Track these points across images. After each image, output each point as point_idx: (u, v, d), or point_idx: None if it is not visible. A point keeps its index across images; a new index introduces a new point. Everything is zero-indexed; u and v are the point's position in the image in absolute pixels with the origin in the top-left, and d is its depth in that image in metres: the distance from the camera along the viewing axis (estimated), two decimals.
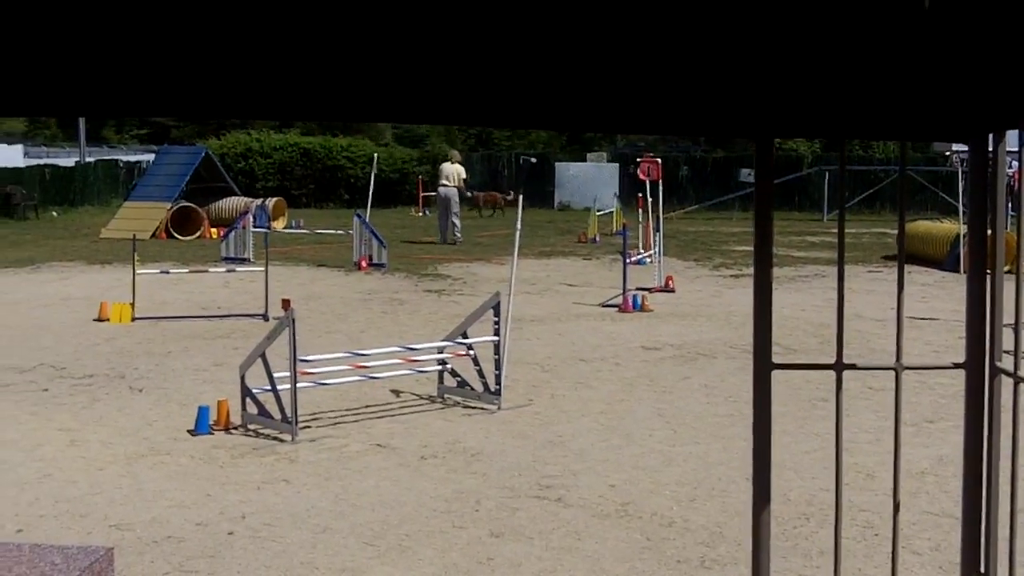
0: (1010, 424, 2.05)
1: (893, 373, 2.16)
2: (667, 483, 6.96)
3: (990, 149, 2.11)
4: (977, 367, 2.05)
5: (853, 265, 19.50)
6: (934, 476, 6.99)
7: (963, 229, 18.53)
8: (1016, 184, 18.76)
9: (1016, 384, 1.99)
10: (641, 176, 19.60)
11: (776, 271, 18.44)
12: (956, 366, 2.09)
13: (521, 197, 10.52)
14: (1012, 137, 2.27)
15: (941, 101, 1.99)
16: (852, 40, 1.92)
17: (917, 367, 2.07)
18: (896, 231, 21.27)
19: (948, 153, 35.05)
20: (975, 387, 2.06)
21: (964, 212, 18.63)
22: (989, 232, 2.12)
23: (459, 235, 24.20)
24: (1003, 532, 2.10)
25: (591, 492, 6.77)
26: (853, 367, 2.19)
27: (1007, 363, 2.05)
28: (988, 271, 2.08)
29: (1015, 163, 20.03)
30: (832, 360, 2.19)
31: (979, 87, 1.97)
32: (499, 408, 8.82)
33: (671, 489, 6.84)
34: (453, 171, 24.74)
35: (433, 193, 36.22)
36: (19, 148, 40.30)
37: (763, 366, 2.18)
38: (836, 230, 2.15)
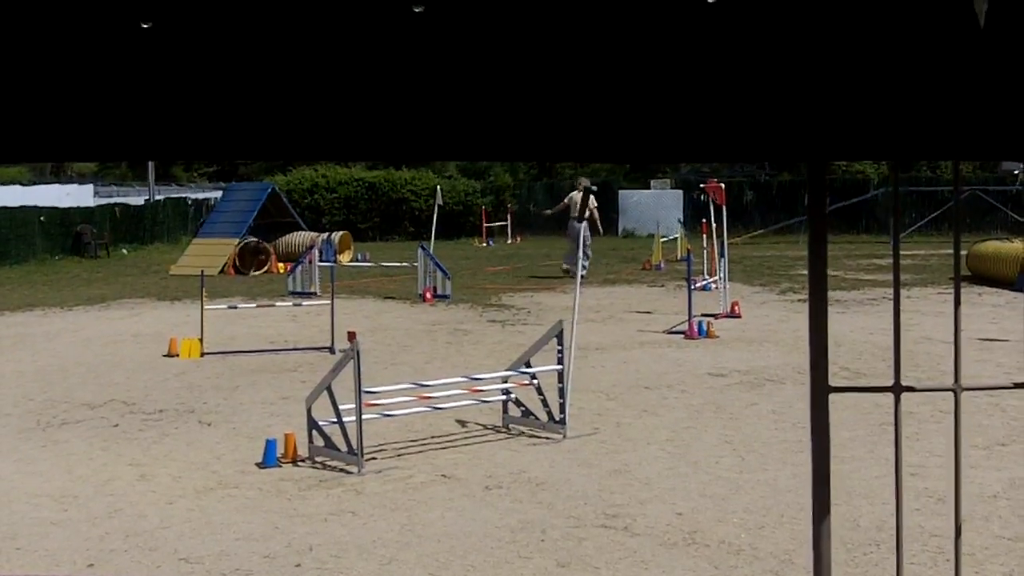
0: None
1: (967, 396, 2.13)
2: (735, 511, 6.89)
3: None
4: None
5: (922, 287, 19.24)
6: (1006, 500, 6.86)
7: None
8: None
9: None
10: (710, 194, 19.49)
11: (844, 294, 18.33)
12: (1017, 386, 2.06)
13: (582, 226, 10.50)
14: None
15: (995, 119, 1.97)
16: (904, 61, 1.91)
17: (975, 387, 2.04)
18: (965, 252, 20.97)
19: (1016, 172, 34.53)
20: None
21: None
22: None
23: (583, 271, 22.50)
24: None
25: (658, 521, 6.72)
26: (911, 389, 2.17)
27: None
28: None
29: None
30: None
31: None
32: (564, 437, 8.80)
33: (739, 517, 6.77)
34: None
35: (501, 223, 36.51)
36: (89, 188, 41.06)
37: (820, 389, 2.16)
38: (905, 253, 2.13)
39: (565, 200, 23.82)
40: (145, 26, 1.80)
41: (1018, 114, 1.97)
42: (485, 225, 35.95)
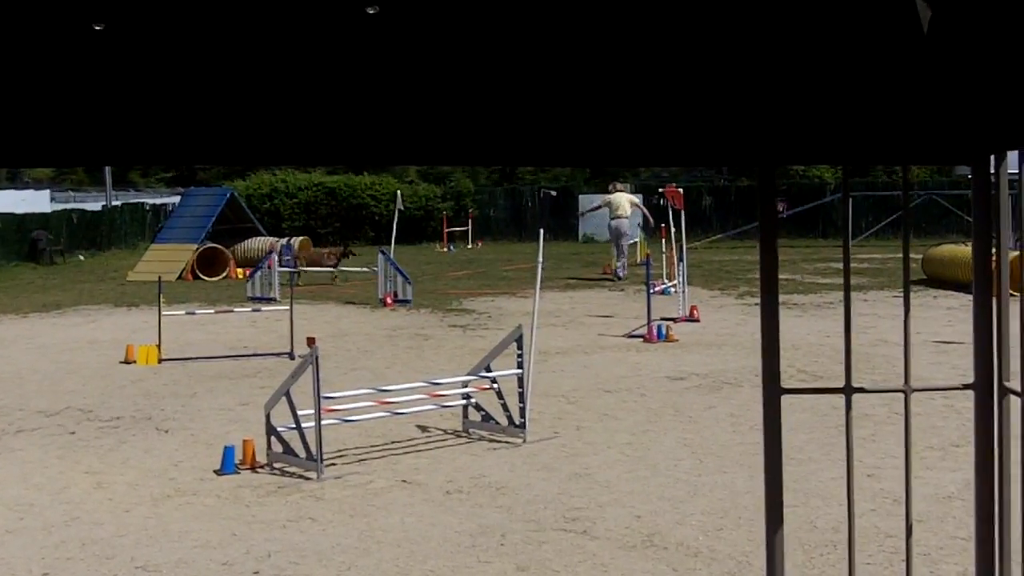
0: None
1: (923, 398, 2.16)
2: (693, 513, 6.93)
3: (992, 171, 2.12)
4: (985, 387, 2.05)
5: (878, 291, 19.42)
6: (961, 500, 6.94)
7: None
8: None
9: None
10: (669, 199, 19.68)
11: (801, 298, 18.47)
12: (965, 387, 2.09)
13: (542, 231, 10.53)
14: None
15: (941, 124, 2.00)
16: (852, 67, 1.94)
17: (924, 388, 2.07)
18: (920, 256, 21.17)
19: (969, 176, 34.88)
20: (984, 407, 2.06)
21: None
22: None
23: (622, 272, 23.36)
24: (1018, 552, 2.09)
25: (617, 524, 6.75)
26: (861, 390, 2.20)
27: (1016, 383, 2.04)
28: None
29: None
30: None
31: (978, 110, 1.98)
32: (524, 441, 8.81)
33: (697, 519, 6.81)
34: (625, 201, 23.53)
35: (462, 228, 36.54)
36: (46, 193, 40.70)
37: (772, 392, 2.19)
38: (862, 256, 2.16)
39: (599, 202, 24.28)
40: (98, 28, 1.80)
41: (964, 119, 2.00)
42: (446, 230, 35.93)
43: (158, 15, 1.78)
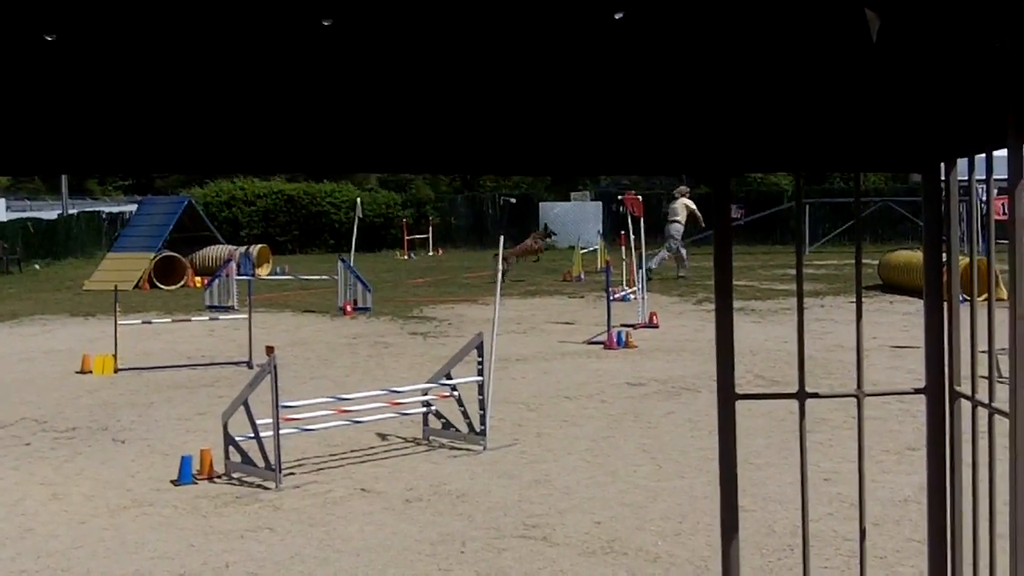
0: (983, 449, 2.07)
1: (879, 402, 2.18)
2: (652, 518, 6.95)
3: (942, 178, 2.14)
4: (937, 392, 2.07)
5: (834, 296, 19.56)
6: (917, 504, 7.00)
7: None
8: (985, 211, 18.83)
9: (974, 408, 2.02)
10: (629, 206, 19.86)
11: (759, 304, 18.59)
12: (917, 391, 2.12)
13: (502, 238, 10.54)
14: (980, 164, 2.30)
15: (892, 133, 2.03)
16: (803, 77, 1.96)
17: (877, 393, 2.10)
18: (876, 262, 21.36)
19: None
20: (936, 411, 2.08)
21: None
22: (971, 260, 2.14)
23: (654, 267, 24.07)
24: (970, 549, 2.10)
25: (577, 530, 6.76)
26: (815, 395, 2.22)
27: (966, 388, 2.07)
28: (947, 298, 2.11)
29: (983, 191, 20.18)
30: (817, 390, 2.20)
31: (929, 119, 2.01)
32: (485, 448, 8.81)
33: (656, 524, 6.83)
34: (680, 206, 24.92)
35: (423, 236, 36.53)
36: (1, 202, 40.32)
37: (726, 397, 2.20)
38: (818, 262, 2.18)
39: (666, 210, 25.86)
40: (49, 39, 1.78)
41: (915, 127, 2.02)
42: (406, 237, 35.89)
43: (115, 26, 1.77)
